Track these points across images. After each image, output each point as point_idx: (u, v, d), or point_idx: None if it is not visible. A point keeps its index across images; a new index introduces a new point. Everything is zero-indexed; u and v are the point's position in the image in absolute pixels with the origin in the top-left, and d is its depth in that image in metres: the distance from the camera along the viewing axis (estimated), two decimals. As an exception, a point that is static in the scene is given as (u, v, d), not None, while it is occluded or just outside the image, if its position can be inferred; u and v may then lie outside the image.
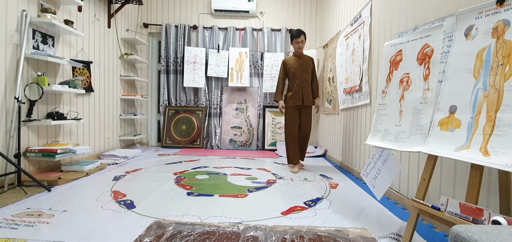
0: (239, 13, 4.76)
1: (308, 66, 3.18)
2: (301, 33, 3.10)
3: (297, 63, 3.17)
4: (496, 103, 1.11)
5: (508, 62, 1.10)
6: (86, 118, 3.36)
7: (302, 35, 3.10)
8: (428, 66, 1.47)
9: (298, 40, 3.09)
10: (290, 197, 2.17)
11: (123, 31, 4.25)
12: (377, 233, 1.54)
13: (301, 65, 3.16)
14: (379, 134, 1.71)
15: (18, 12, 2.40)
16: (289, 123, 3.16)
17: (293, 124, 3.15)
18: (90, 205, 1.91)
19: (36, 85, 2.49)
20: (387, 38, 2.37)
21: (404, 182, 2.09)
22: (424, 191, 1.33)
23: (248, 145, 4.75)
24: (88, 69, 3.36)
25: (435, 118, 1.36)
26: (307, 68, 3.17)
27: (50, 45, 2.76)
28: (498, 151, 1.06)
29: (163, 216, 1.73)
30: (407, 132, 1.50)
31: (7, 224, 1.57)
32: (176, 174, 2.82)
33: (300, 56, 3.20)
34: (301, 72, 3.14)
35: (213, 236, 1.45)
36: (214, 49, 4.71)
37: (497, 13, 1.18)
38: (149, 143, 4.96)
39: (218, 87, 4.83)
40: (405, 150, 1.46)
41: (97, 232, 1.51)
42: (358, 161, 2.98)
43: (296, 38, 3.10)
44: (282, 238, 1.44)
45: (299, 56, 3.20)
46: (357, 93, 2.97)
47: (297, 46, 3.12)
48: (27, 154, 2.46)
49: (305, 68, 3.16)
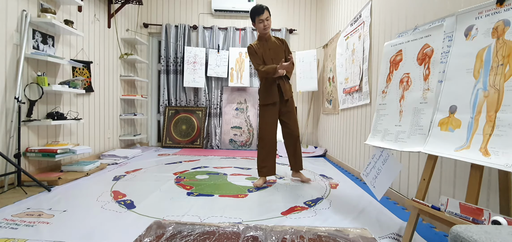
0: (239, 13, 4.75)
1: (280, 49, 2.49)
2: (264, 8, 2.35)
3: (265, 49, 2.44)
4: (496, 103, 1.11)
5: (508, 62, 1.10)
6: (86, 118, 3.36)
7: (266, 11, 2.36)
8: (428, 66, 1.47)
9: (262, 17, 2.35)
10: (290, 197, 2.17)
11: (123, 31, 4.25)
12: (377, 233, 1.54)
13: (271, 51, 2.45)
14: (379, 134, 1.71)
15: (18, 12, 2.40)
16: (265, 126, 2.45)
17: (270, 127, 2.45)
18: (90, 205, 1.91)
19: (36, 85, 2.49)
20: (387, 38, 2.36)
21: (404, 182, 2.09)
22: (424, 191, 1.33)
23: (248, 145, 4.75)
24: (88, 69, 3.36)
25: (435, 119, 1.36)
26: (279, 53, 2.47)
27: (50, 45, 2.76)
28: (498, 151, 1.06)
29: (163, 216, 1.73)
30: (407, 132, 1.50)
31: (7, 224, 1.57)
32: (176, 174, 2.82)
33: (267, 40, 2.46)
34: (272, 59, 2.44)
35: (213, 236, 1.45)
36: (214, 49, 4.71)
37: (497, 13, 1.18)
38: (149, 143, 4.96)
39: (218, 87, 4.83)
40: (405, 150, 1.46)
41: (97, 232, 1.51)
42: (358, 161, 2.98)
43: (259, 15, 2.34)
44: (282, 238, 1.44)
45: (266, 39, 2.46)
46: (357, 93, 2.97)
47: (262, 25, 2.37)
48: (27, 154, 2.46)
49: (277, 53, 2.46)
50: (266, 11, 2.36)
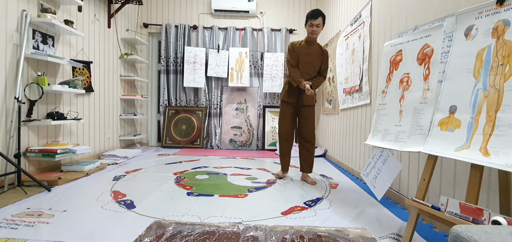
0: (239, 13, 4.75)
1: (317, 58, 2.56)
2: (319, 14, 2.42)
3: (305, 51, 2.55)
4: (496, 103, 1.11)
5: (508, 62, 1.10)
6: (86, 118, 3.36)
7: (320, 17, 2.42)
8: (428, 66, 1.47)
9: (314, 22, 2.42)
10: (290, 197, 2.17)
11: (123, 31, 4.25)
12: (377, 233, 1.54)
13: (309, 55, 2.55)
14: (379, 134, 1.71)
15: (18, 12, 2.40)
16: (281, 121, 2.67)
17: (285, 123, 2.64)
18: (90, 205, 1.91)
19: (36, 85, 2.49)
20: (387, 38, 2.36)
21: (404, 182, 2.09)
22: (424, 191, 1.33)
23: (248, 145, 4.75)
24: (88, 69, 3.36)
25: (435, 118, 1.36)
26: (315, 60, 2.55)
27: (50, 45, 2.76)
28: (498, 151, 1.06)
29: (163, 216, 1.73)
30: (407, 132, 1.50)
31: (7, 224, 1.57)
32: (176, 174, 2.82)
33: (312, 44, 2.56)
34: (305, 64, 2.54)
35: (213, 236, 1.45)
36: (214, 49, 4.71)
37: (497, 13, 1.18)
38: (149, 143, 4.96)
39: (218, 87, 4.83)
40: (405, 150, 1.46)
41: (97, 232, 1.51)
42: (358, 161, 2.98)
43: (312, 19, 2.42)
44: (282, 238, 1.44)
45: (311, 43, 2.56)
46: (357, 93, 2.97)
47: (311, 29, 2.45)
48: (27, 154, 2.46)
49: (313, 58, 2.55)
50: (320, 17, 2.43)
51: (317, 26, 2.44)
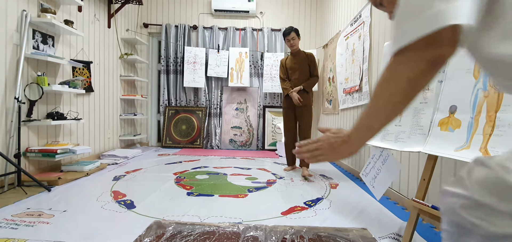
0: (239, 13, 4.76)
1: (304, 63, 3.05)
2: (291, 30, 2.97)
3: (292, 62, 3.09)
4: (496, 103, 1.11)
5: (508, 62, 1.10)
6: (86, 118, 3.36)
7: (293, 32, 2.97)
8: (428, 66, 1.46)
9: (289, 37, 2.98)
10: (290, 197, 2.17)
11: (123, 31, 4.25)
12: (377, 233, 1.54)
13: (296, 63, 3.05)
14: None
15: (18, 12, 2.40)
16: (284, 124, 3.21)
17: (287, 125, 3.16)
18: (90, 205, 1.91)
19: (36, 85, 2.49)
20: (387, 38, 2.36)
21: (404, 182, 2.09)
22: (424, 191, 1.33)
23: (248, 145, 4.75)
24: (88, 69, 3.36)
25: (435, 118, 1.36)
26: (303, 65, 3.04)
27: (50, 45, 2.76)
28: (498, 151, 1.06)
29: (163, 216, 1.73)
30: (407, 132, 1.50)
31: (7, 224, 1.57)
32: (176, 174, 2.82)
33: (296, 54, 3.08)
34: (294, 72, 3.06)
35: (213, 236, 1.45)
36: (214, 49, 4.71)
37: (497, 13, 1.18)
38: (149, 143, 4.96)
39: (218, 87, 4.83)
40: (405, 150, 1.46)
41: (97, 232, 1.51)
42: (358, 161, 2.98)
43: (287, 36, 3.00)
44: (282, 238, 1.44)
45: (295, 54, 3.08)
46: (357, 93, 2.97)
47: (289, 44, 3.01)
48: (27, 154, 2.46)
49: (300, 65, 3.04)
50: (293, 32, 2.97)
51: (293, 39, 2.97)
